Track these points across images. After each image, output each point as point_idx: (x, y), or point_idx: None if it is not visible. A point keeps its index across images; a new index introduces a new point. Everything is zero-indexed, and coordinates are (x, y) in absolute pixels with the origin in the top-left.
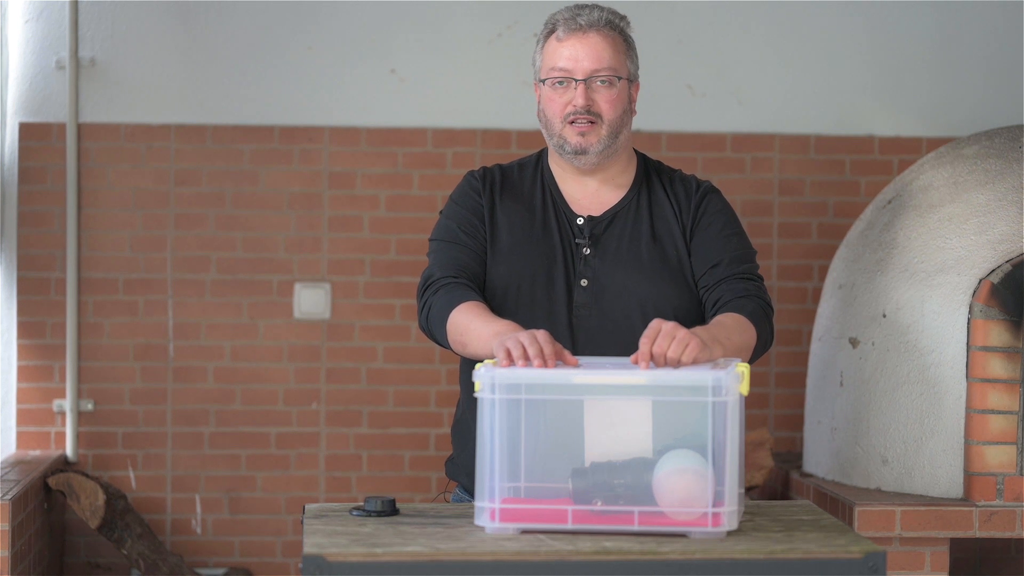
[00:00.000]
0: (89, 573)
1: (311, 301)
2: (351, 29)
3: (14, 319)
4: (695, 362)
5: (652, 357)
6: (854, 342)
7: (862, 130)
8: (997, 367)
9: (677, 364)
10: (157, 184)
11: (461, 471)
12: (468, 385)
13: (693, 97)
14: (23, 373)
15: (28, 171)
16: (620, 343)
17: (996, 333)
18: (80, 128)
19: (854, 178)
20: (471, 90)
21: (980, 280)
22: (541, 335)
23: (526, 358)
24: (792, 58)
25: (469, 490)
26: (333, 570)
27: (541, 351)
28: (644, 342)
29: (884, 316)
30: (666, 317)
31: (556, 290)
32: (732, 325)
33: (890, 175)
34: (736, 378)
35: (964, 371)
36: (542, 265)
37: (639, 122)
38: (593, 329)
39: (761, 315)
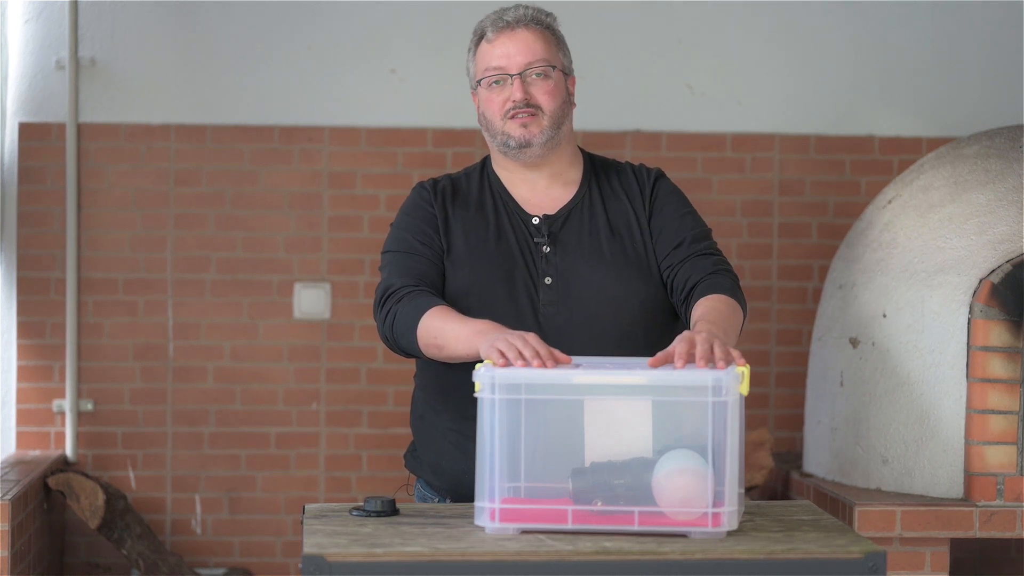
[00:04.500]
0: (89, 573)
1: (311, 301)
2: (351, 29)
3: (14, 319)
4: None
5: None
6: (854, 342)
7: (862, 130)
8: (997, 367)
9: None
10: (157, 184)
11: (425, 468)
12: (430, 384)
13: (693, 97)
14: (23, 373)
15: (28, 171)
16: (589, 337)
17: (996, 333)
18: (80, 128)
19: (854, 178)
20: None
21: (980, 280)
22: (531, 336)
23: (523, 358)
24: (792, 58)
25: (432, 485)
26: (333, 570)
27: (537, 352)
28: (682, 347)
29: (884, 316)
30: (632, 309)
31: (520, 291)
32: (726, 311)
33: (890, 175)
34: (736, 378)
35: (964, 371)
36: (501, 268)
37: (639, 122)
38: (562, 325)
39: (736, 288)
